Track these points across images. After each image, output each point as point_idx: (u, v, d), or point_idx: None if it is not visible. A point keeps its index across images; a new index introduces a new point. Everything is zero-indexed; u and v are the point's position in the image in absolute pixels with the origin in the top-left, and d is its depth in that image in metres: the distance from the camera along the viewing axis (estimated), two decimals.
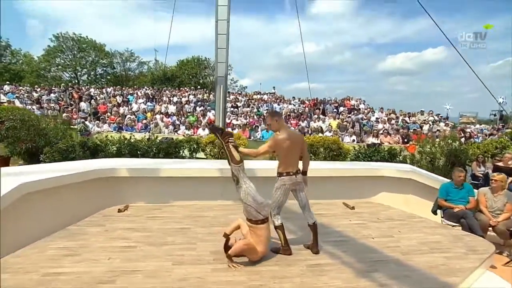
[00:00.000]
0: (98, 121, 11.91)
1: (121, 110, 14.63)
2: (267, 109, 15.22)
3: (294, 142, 3.12)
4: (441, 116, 13.20)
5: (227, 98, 15.11)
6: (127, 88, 20.02)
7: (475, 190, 4.66)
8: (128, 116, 13.50)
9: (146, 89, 19.47)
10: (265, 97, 18.22)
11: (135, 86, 21.75)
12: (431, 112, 13.45)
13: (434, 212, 4.79)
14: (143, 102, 15.99)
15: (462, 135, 10.74)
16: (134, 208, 4.63)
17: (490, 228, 4.23)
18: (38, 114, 9.89)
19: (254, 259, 2.99)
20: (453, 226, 4.34)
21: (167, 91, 19.05)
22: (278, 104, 16.14)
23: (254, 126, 11.75)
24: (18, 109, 8.38)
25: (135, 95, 17.27)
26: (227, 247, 3.07)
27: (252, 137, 10.80)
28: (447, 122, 12.79)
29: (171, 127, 12.07)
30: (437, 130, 11.55)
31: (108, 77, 30.15)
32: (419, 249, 3.41)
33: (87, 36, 29.47)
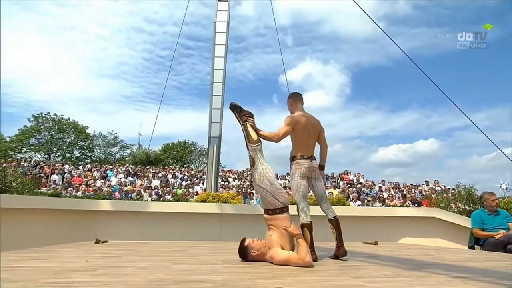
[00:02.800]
0: (71, 188, 11.46)
1: (98, 183, 14.31)
2: None
3: (311, 123, 3.11)
4: (448, 187, 13.38)
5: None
6: (106, 165, 19.98)
7: None
8: (105, 188, 13.13)
9: (128, 165, 19.48)
10: None
11: (115, 164, 21.72)
12: (436, 181, 13.72)
13: (472, 248, 4.44)
14: (123, 177, 15.77)
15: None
16: (115, 242, 4.12)
17: None
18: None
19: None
20: None
21: (150, 169, 19.05)
22: None
23: (248, 194, 11.53)
24: None
25: (114, 170, 17.14)
26: (244, 250, 2.70)
27: (246, 203, 10.48)
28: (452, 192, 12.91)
29: (155, 196, 11.66)
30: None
31: (87, 161, 30.30)
32: (469, 259, 3.06)
33: (69, 118, 30.85)
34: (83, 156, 31.28)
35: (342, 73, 44.26)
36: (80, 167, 18.72)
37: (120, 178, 15.57)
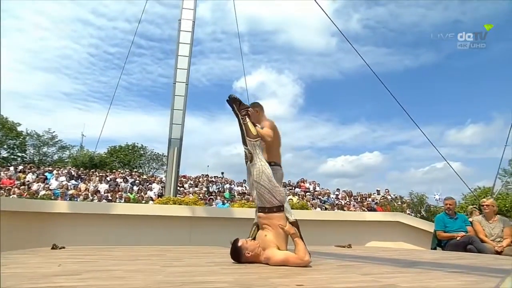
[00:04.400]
0: (1, 191, 10.17)
1: (35, 186, 12.92)
2: (218, 188, 15.00)
3: (278, 133, 3.21)
4: (398, 195, 14.41)
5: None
6: (44, 167, 18.18)
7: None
8: (43, 192, 11.91)
9: (70, 168, 17.91)
10: (214, 179, 18.11)
11: (55, 165, 19.82)
12: (387, 190, 14.72)
13: (434, 249, 4.78)
14: (65, 180, 14.44)
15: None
16: (76, 248, 3.68)
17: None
18: None
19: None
20: None
21: (96, 172, 17.71)
22: (230, 185, 16.10)
23: (209, 199, 11.26)
24: None
25: (54, 172, 15.64)
26: (238, 251, 2.57)
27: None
28: (404, 200, 13.95)
29: (104, 201, 10.83)
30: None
31: (15, 163, 27.25)
32: (446, 258, 3.27)
33: None
34: (13, 157, 28.05)
35: (296, 84, 45.75)
36: (11, 168, 16.79)
37: (62, 181, 14.26)
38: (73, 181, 14.58)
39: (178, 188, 15.01)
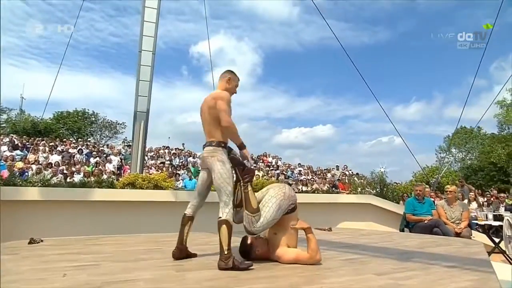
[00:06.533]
0: None
1: None
2: (181, 161, 14.73)
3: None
4: (354, 172, 15.33)
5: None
6: None
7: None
8: None
9: (12, 136, 16.24)
10: (176, 151, 17.67)
11: None
12: (345, 166, 15.58)
13: (402, 231, 5.22)
14: (8, 150, 13.09)
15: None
16: (54, 240, 3.40)
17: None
18: None
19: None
20: None
21: (44, 141, 16.28)
22: (194, 158, 15.85)
23: (174, 174, 10.99)
24: None
25: None
26: (248, 248, 2.57)
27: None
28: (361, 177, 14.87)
29: (60, 175, 10.07)
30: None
31: None
32: (427, 244, 3.58)
33: None
34: None
35: (255, 53, 44.90)
36: None
37: (4, 152, 12.92)
38: (18, 151, 13.27)
39: None
